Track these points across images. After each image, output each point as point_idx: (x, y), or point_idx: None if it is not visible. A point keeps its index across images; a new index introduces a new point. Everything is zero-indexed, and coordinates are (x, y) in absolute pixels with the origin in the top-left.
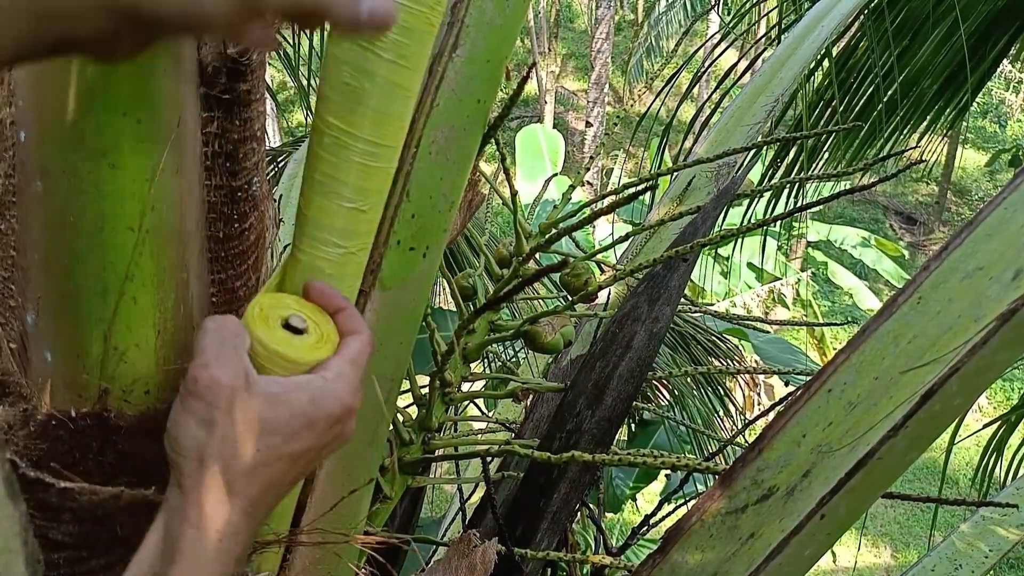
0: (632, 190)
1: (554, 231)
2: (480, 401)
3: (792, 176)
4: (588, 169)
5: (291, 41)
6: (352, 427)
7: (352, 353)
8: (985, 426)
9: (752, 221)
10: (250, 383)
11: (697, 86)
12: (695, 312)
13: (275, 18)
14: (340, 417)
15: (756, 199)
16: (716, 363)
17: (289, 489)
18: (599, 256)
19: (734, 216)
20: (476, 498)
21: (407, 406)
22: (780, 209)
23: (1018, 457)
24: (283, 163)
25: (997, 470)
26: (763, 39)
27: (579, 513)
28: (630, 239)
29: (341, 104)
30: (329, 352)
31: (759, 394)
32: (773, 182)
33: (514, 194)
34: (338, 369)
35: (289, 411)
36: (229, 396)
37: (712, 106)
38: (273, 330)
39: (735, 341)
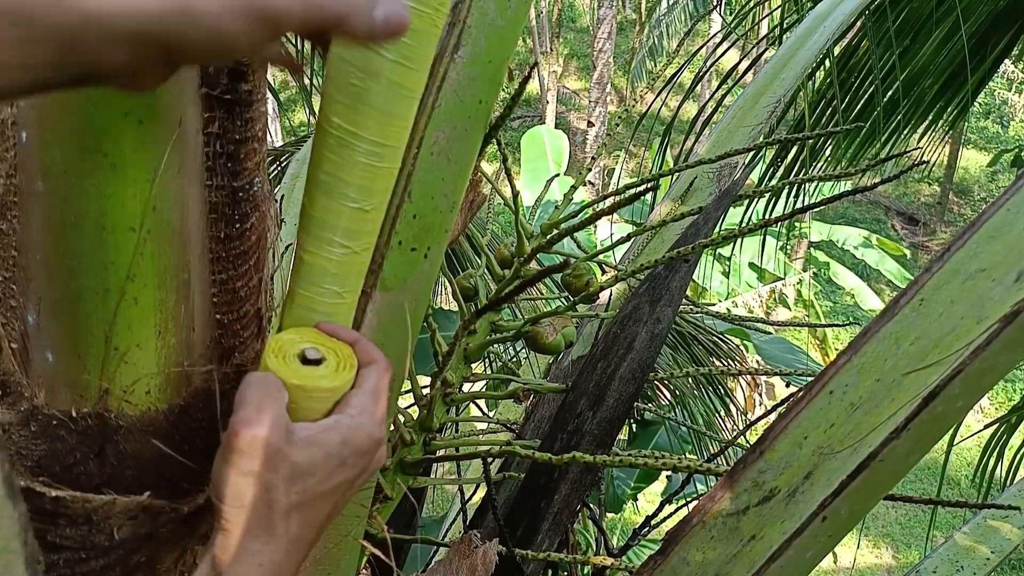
0: (633, 191)
1: (555, 232)
2: (481, 402)
3: (792, 175)
4: (590, 170)
5: (293, 41)
6: (383, 455)
7: (371, 385)
8: (986, 427)
9: (752, 220)
10: (288, 434)
11: (699, 85)
12: (696, 312)
13: (294, 34)
14: (369, 449)
15: (756, 198)
16: (717, 363)
17: (328, 523)
18: (601, 257)
19: (734, 215)
20: (477, 498)
21: (408, 406)
22: (780, 208)
23: (1019, 457)
24: (285, 163)
25: (998, 470)
26: (765, 39)
27: (580, 514)
28: (632, 240)
29: (346, 105)
30: (350, 375)
31: (760, 395)
32: (774, 182)
33: (516, 194)
34: (360, 405)
35: (324, 452)
36: (268, 451)
37: (714, 104)
38: (290, 365)
39: (736, 341)
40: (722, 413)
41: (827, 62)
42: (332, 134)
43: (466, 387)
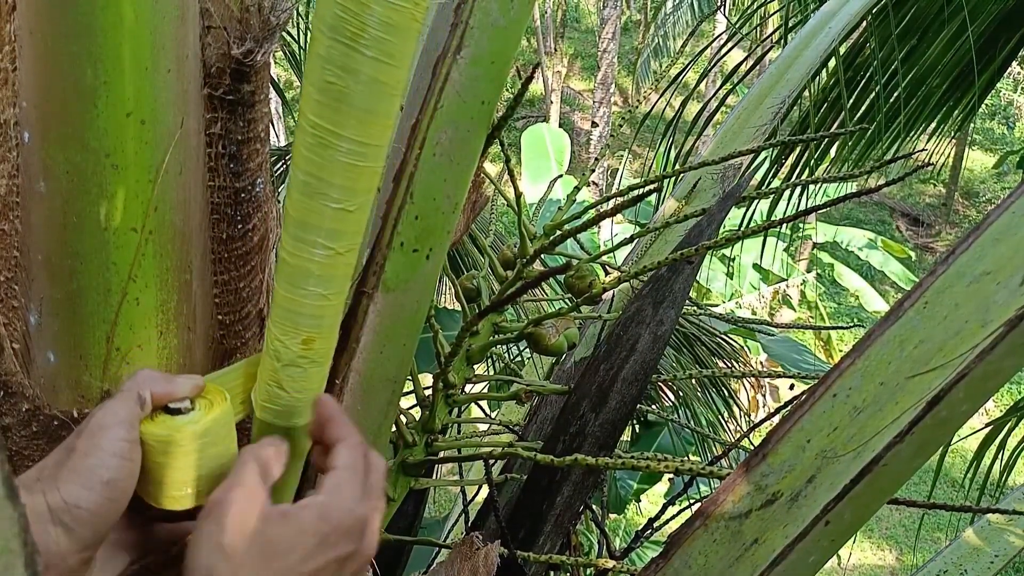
0: (637, 192)
1: (559, 233)
2: (484, 403)
3: (796, 175)
4: (594, 171)
5: (297, 40)
6: (374, 533)
7: (344, 462)
8: (987, 425)
9: (755, 221)
10: (262, 509)
11: (703, 85)
12: (700, 314)
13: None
14: (352, 527)
15: (760, 198)
16: (721, 364)
17: None
18: (604, 258)
19: (736, 215)
20: (480, 499)
21: (410, 407)
22: (784, 208)
23: (1017, 456)
24: (289, 163)
25: (996, 469)
26: (769, 38)
27: (582, 515)
28: (635, 241)
29: (325, 103)
30: (215, 414)
31: (764, 395)
32: (777, 183)
33: (518, 195)
34: (335, 481)
35: (298, 529)
36: (242, 521)
37: (717, 102)
38: (156, 419)
39: (740, 341)
40: (726, 415)
41: (832, 62)
42: (312, 134)
43: (468, 388)
